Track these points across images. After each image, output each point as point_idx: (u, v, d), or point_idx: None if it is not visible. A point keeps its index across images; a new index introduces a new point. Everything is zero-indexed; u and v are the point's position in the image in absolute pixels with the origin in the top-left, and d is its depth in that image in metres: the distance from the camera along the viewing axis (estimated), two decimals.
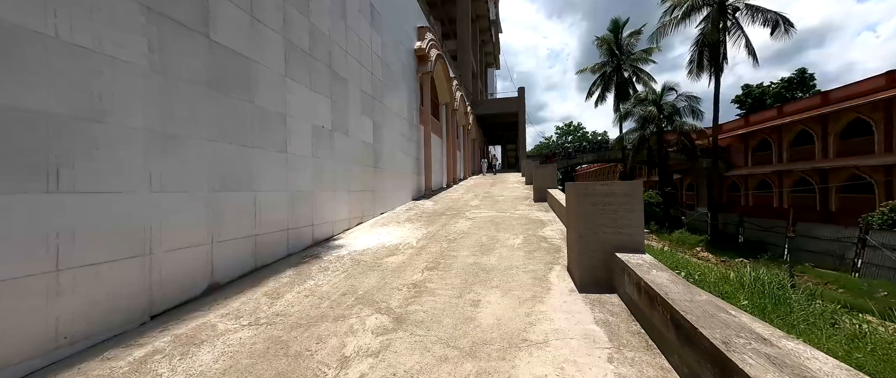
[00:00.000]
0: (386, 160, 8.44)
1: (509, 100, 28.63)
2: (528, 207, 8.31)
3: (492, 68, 49.88)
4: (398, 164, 9.38)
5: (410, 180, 10.43)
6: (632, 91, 28.17)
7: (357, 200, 6.80)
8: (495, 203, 9.38)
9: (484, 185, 15.56)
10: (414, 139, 10.88)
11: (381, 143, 8.17)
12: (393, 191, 8.87)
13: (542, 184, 9.22)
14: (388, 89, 8.77)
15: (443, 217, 7.46)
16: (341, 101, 6.23)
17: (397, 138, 9.36)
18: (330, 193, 5.78)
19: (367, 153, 7.38)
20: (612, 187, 3.19)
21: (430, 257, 4.41)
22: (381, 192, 8.10)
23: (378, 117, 8.01)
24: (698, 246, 14.91)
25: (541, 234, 5.51)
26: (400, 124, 9.58)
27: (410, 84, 10.78)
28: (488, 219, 7.00)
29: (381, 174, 8.08)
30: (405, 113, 10.12)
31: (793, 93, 34.10)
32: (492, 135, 41.05)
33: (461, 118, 20.26)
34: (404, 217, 7.61)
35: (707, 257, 11.89)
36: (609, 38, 28.26)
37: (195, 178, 3.30)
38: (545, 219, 6.76)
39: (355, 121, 6.80)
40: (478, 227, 6.24)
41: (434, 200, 10.36)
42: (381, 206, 8.10)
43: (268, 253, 4.22)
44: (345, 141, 6.35)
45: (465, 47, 27.98)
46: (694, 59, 18.93)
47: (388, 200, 8.52)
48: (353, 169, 6.63)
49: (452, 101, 16.24)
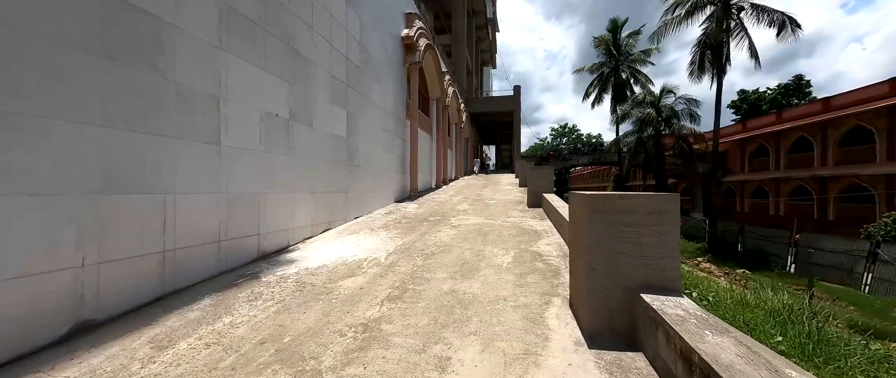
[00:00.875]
0: (363, 157, 7.51)
1: (505, 98, 27.83)
2: (522, 214, 7.46)
3: (488, 67, 49.08)
4: (379, 162, 8.45)
5: (393, 180, 9.51)
6: (629, 93, 27.56)
7: (324, 203, 5.87)
8: (485, 208, 8.51)
9: (475, 186, 14.69)
10: (399, 135, 9.96)
11: (358, 137, 7.24)
12: (371, 192, 7.95)
13: (538, 187, 8.37)
14: (368, 78, 7.83)
15: (425, 224, 6.56)
16: (304, 86, 5.29)
17: (378, 133, 8.43)
18: (286, 196, 4.84)
19: (339, 149, 6.44)
20: (635, 201, 2.33)
21: (397, 280, 3.51)
22: (357, 194, 7.17)
23: (354, 108, 7.07)
24: (699, 256, 14.25)
25: (535, 249, 4.64)
26: (382, 118, 8.65)
27: (396, 75, 9.85)
28: (476, 227, 6.12)
29: (356, 173, 7.15)
30: (389, 106, 9.19)
31: (789, 99, 33.91)
32: (486, 134, 40.26)
33: (453, 115, 19.37)
34: (381, 223, 6.69)
35: (709, 269, 11.20)
36: (607, 39, 27.60)
37: (56, 175, 2.35)
38: (540, 229, 5.90)
39: (323, 111, 5.86)
40: (462, 237, 5.35)
41: (419, 203, 9.45)
42: (356, 210, 7.17)
43: (185, 273, 3.28)
44: (308, 133, 5.40)
45: (459, 42, 27.08)
46: (695, 61, 18.30)
47: (365, 203, 7.59)
48: (318, 166, 5.69)
49: (444, 97, 15.33)
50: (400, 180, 10.03)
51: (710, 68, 17.83)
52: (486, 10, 35.56)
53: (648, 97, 23.31)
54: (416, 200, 9.91)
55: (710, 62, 18.05)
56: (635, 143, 22.50)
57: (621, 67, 27.55)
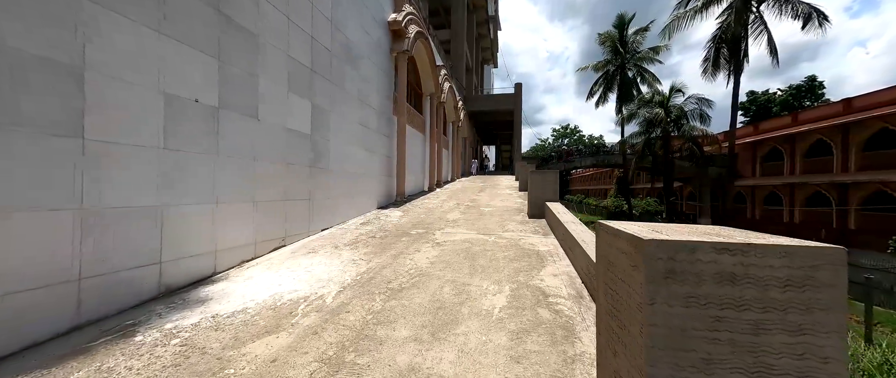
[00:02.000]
0: (335, 158, 6.36)
1: (505, 96, 26.65)
2: (521, 227, 6.30)
3: (489, 65, 47.94)
4: (357, 163, 7.30)
5: (376, 184, 8.35)
6: (636, 92, 26.34)
7: (275, 214, 4.71)
8: (479, 217, 7.35)
9: (471, 190, 13.53)
10: (383, 133, 8.80)
11: (328, 134, 6.08)
12: (345, 198, 6.79)
13: (540, 195, 7.21)
14: (343, 65, 6.67)
15: (403, 239, 5.40)
16: (243, 66, 4.13)
17: (356, 130, 7.27)
18: (207, 208, 3.68)
19: (300, 147, 5.28)
20: (750, 256, 1.16)
21: (336, 342, 2.35)
22: (325, 201, 6.02)
23: (323, 100, 5.91)
24: None
25: (539, 283, 3.48)
26: (362, 113, 7.50)
27: (381, 64, 8.69)
28: (464, 245, 4.96)
29: (325, 176, 5.99)
30: (372, 99, 8.03)
31: (801, 101, 32.65)
32: (486, 134, 39.11)
33: (450, 113, 18.20)
34: (350, 237, 5.53)
35: None
36: (613, 35, 26.36)
37: None
38: (543, 249, 4.73)
39: (276, 100, 4.70)
40: (445, 262, 4.19)
41: (404, 210, 8.29)
42: (325, 219, 6.02)
43: (3, 335, 2.12)
44: (250, 127, 4.25)
45: (459, 37, 25.93)
46: (709, 57, 17.09)
47: (336, 211, 6.43)
48: (266, 169, 4.53)
49: (439, 92, 14.16)
50: (384, 184, 8.87)
51: (726, 65, 16.63)
52: (487, 7, 34.42)
53: (657, 96, 22.10)
54: (401, 207, 8.75)
55: (725, 59, 16.85)
56: (643, 144, 21.28)
57: (628, 65, 26.31)
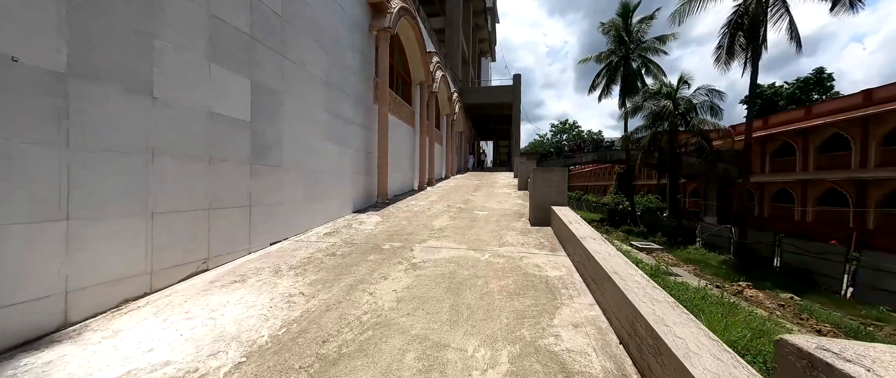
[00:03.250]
0: (291, 152, 5.10)
1: (503, 88, 25.34)
2: (522, 239, 5.08)
3: (487, 58, 46.55)
4: (323, 159, 6.04)
5: (350, 184, 7.09)
6: (640, 84, 25.12)
7: (187, 230, 3.46)
8: (472, 224, 6.13)
9: (465, 188, 12.29)
10: (360, 123, 7.53)
11: (278, 122, 4.82)
12: (307, 202, 5.54)
13: (544, 198, 5.98)
14: (303, 37, 5.39)
15: (370, 258, 4.17)
16: (124, 16, 2.85)
17: (322, 119, 6.00)
18: (52, 225, 2.42)
19: (233, 138, 4.02)
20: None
21: None
22: (275, 207, 4.77)
23: (271, 78, 4.64)
24: (734, 276, 11.92)
25: (553, 343, 2.25)
26: (330, 98, 6.22)
27: (357, 43, 7.40)
28: (448, 268, 3.73)
29: (273, 176, 4.74)
30: (344, 83, 6.76)
31: (808, 94, 31.54)
32: (483, 128, 37.81)
33: (443, 105, 16.91)
34: (302, 256, 4.29)
35: (756, 296, 8.91)
36: (617, 23, 25.06)
37: None
38: (554, 276, 3.52)
39: (188, 72, 3.43)
40: (417, 299, 2.97)
41: (383, 215, 7.05)
42: (275, 231, 4.77)
43: None
44: (140, 108, 2.98)
45: (454, 25, 24.57)
46: (723, 44, 15.84)
47: (294, 219, 5.18)
48: (169, 167, 3.26)
49: (431, 81, 12.86)
50: (361, 183, 7.62)
51: (741, 52, 15.40)
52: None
53: (664, 88, 20.87)
54: (382, 210, 7.50)
55: (741, 47, 15.62)
56: (649, 139, 20.08)
57: (632, 56, 25.05)
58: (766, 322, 6.26)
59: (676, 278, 9.49)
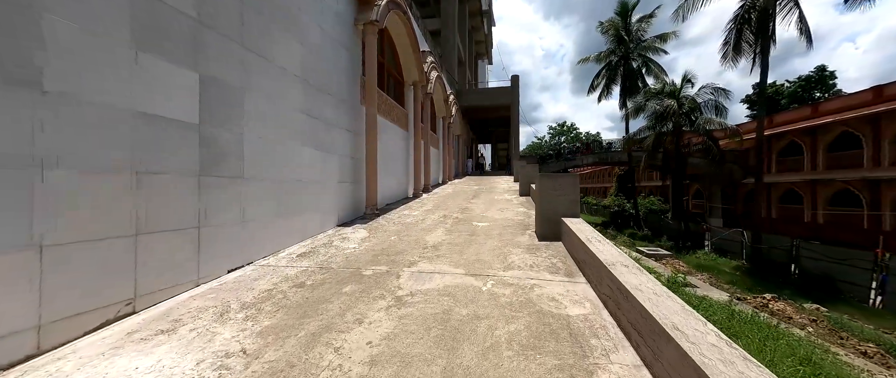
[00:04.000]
0: (256, 160, 4.33)
1: (501, 90, 24.69)
2: (530, 258, 4.29)
3: (483, 60, 46.05)
4: (299, 166, 5.27)
5: (333, 194, 6.31)
6: (641, 84, 24.52)
7: (102, 263, 2.67)
8: (471, 239, 5.34)
9: (464, 194, 11.53)
10: (345, 126, 6.77)
11: (237, 124, 4.04)
12: (278, 218, 4.76)
13: (553, 207, 5.21)
14: (271, 25, 4.64)
15: (346, 290, 3.38)
16: None
17: (298, 122, 5.23)
18: None
19: (172, 144, 3.24)
20: None
21: None
22: (233, 227, 3.98)
23: (224, 71, 3.87)
24: (751, 284, 11.16)
25: None
26: (307, 98, 5.46)
27: (340, 38, 6.66)
28: (441, 306, 2.95)
29: (231, 189, 3.95)
30: (326, 82, 6.00)
31: (811, 92, 31.06)
32: (481, 131, 37.16)
33: (439, 107, 16.19)
34: (261, 289, 3.49)
35: (784, 310, 8.15)
36: (616, 23, 24.50)
37: None
38: (576, 315, 2.73)
39: (100, 59, 2.66)
40: (402, 358, 2.18)
41: (371, 228, 6.26)
42: (235, 255, 3.98)
43: None
44: (16, 104, 2.20)
45: (449, 26, 23.95)
46: (730, 40, 15.24)
47: (260, 239, 4.40)
48: (72, 183, 2.48)
49: (425, 82, 12.14)
50: (347, 193, 6.84)
51: (749, 49, 14.79)
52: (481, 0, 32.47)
53: (668, 87, 20.24)
54: (370, 223, 6.72)
55: (748, 43, 15.01)
56: (653, 140, 19.39)
57: (632, 55, 24.48)
58: (809, 345, 5.50)
59: (695, 290, 8.74)
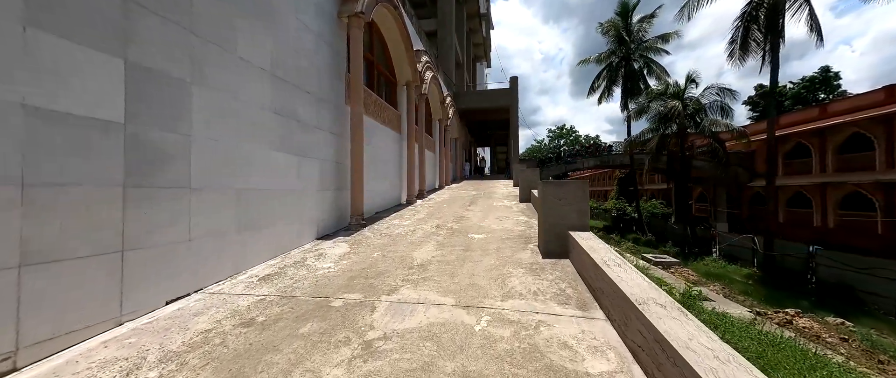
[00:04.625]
0: (206, 165, 3.65)
1: (500, 91, 24.10)
2: (535, 282, 3.60)
3: (482, 63, 45.57)
4: (268, 173, 4.59)
5: (312, 204, 5.63)
6: (643, 86, 23.96)
7: None
8: (465, 255, 4.65)
9: (461, 200, 10.85)
10: (327, 128, 6.11)
11: (181, 123, 3.37)
12: (244, 232, 4.07)
13: (560, 220, 4.53)
14: (224, 7, 3.98)
15: (304, 330, 2.69)
16: None
17: (267, 123, 4.56)
18: None
19: (83, 146, 2.57)
20: None
21: None
22: (176, 248, 3.29)
23: (162, 59, 3.21)
24: (775, 302, 10.44)
25: None
26: (274, 94, 4.80)
27: (321, 31, 6.02)
28: (422, 356, 2.25)
29: (172, 201, 3.27)
30: (299, 76, 5.35)
31: (814, 93, 30.54)
32: (479, 134, 36.57)
33: (435, 108, 15.56)
34: (196, 331, 2.79)
35: (810, 327, 7.49)
36: (617, 23, 23.99)
37: None
38: (598, 372, 2.04)
39: None
40: None
41: (354, 243, 5.57)
42: (177, 282, 3.29)
43: None
44: None
45: (447, 27, 23.40)
46: (736, 39, 14.67)
47: (214, 260, 3.71)
48: None
49: (419, 82, 11.51)
50: (329, 202, 6.15)
51: (761, 47, 14.20)
52: (479, 2, 32.03)
53: (671, 87, 19.66)
54: (353, 235, 6.03)
55: (756, 42, 14.43)
56: (657, 142, 18.77)
57: (633, 56, 23.94)
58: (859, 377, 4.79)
59: (712, 304, 8.04)
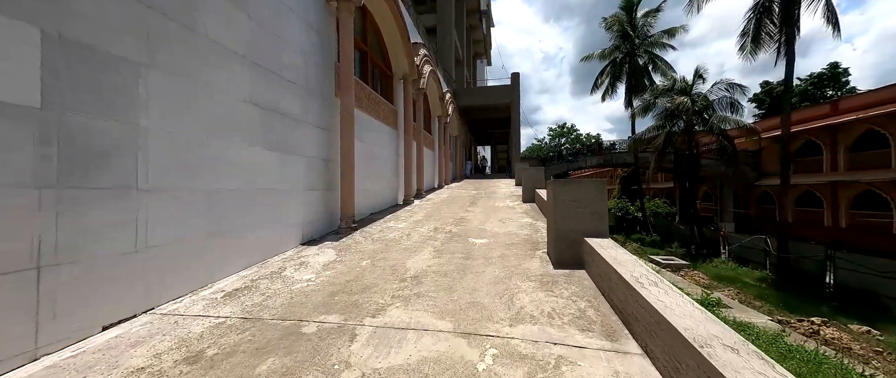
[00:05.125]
0: (164, 163, 3.10)
1: (501, 88, 23.53)
2: (548, 302, 3.05)
3: (482, 60, 44.97)
4: (245, 171, 4.04)
5: (297, 205, 5.09)
6: (647, 82, 23.37)
7: None
8: (466, 264, 4.10)
9: (461, 200, 10.30)
10: (313, 122, 5.56)
11: (129, 114, 2.82)
12: (208, 241, 3.52)
13: (574, 225, 3.97)
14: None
15: (262, 370, 2.14)
16: None
17: (240, 113, 4.01)
18: None
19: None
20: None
21: None
22: (124, 260, 2.75)
23: (103, 34, 2.66)
24: (794, 308, 9.88)
25: None
26: (253, 83, 4.24)
27: (306, 15, 5.46)
28: None
29: (116, 204, 2.73)
30: (281, 63, 4.79)
31: (822, 90, 29.93)
32: (479, 133, 36.00)
33: (434, 105, 15.00)
34: (127, 369, 2.25)
35: (840, 339, 6.93)
36: (621, 17, 23.37)
37: None
38: None
39: None
40: None
41: (341, 249, 5.03)
42: (123, 301, 2.75)
43: None
44: None
45: (446, 24, 22.82)
46: (748, 31, 14.08)
47: (172, 272, 3.17)
48: None
49: (417, 76, 10.95)
50: (317, 203, 5.61)
51: (769, 40, 13.61)
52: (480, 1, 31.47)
53: (679, 83, 19.07)
54: (342, 240, 5.48)
55: (768, 35, 13.84)
56: (664, 140, 18.19)
57: (638, 52, 23.34)
58: None
59: (730, 311, 7.48)
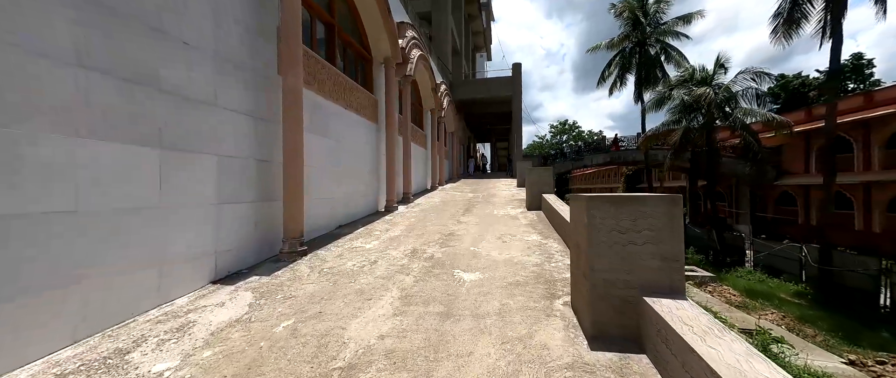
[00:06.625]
0: None
1: (501, 80, 21.84)
2: None
3: (482, 54, 43.18)
4: (80, 182, 2.41)
5: (203, 226, 3.46)
6: (660, 74, 21.69)
7: None
8: (443, 326, 2.46)
9: (453, 206, 8.68)
10: (234, 107, 3.94)
11: None
12: (11, 298, 1.90)
13: (621, 270, 2.33)
14: None
15: None
16: None
17: (60, 83, 2.37)
18: None
19: None
20: None
21: None
22: None
23: None
24: (847, 333, 8.25)
25: None
26: (108, 44, 2.60)
27: None
28: None
29: None
30: (171, 20, 3.15)
31: (844, 83, 28.19)
32: (478, 129, 34.31)
33: (426, 96, 13.35)
34: None
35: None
36: (632, 4, 21.65)
37: None
38: None
39: None
40: None
41: (263, 293, 3.40)
42: None
43: None
44: None
45: (442, 9, 21.07)
46: (782, 13, 12.40)
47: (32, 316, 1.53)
48: None
49: (403, 61, 9.29)
50: (241, 220, 3.99)
51: (820, 18, 11.82)
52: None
53: (699, 73, 17.39)
54: (275, 275, 3.87)
55: (803, 15, 12.14)
56: (681, 135, 16.53)
57: (649, 41, 21.64)
58: None
59: (784, 352, 5.81)
